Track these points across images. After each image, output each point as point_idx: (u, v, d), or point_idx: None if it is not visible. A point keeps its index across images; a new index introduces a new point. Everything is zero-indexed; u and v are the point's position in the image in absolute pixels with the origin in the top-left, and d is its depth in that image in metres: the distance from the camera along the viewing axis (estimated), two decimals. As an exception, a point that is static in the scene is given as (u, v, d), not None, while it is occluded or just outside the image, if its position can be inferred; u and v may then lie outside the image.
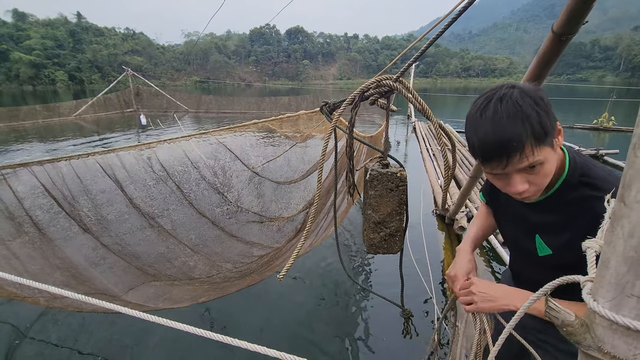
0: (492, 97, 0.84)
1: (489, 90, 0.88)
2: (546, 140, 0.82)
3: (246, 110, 19.02)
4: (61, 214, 2.54)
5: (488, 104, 0.84)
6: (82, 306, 2.27)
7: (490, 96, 0.85)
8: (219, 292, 2.55)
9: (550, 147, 0.85)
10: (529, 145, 0.81)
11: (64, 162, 2.44)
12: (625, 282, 0.47)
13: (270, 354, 0.89)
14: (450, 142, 1.19)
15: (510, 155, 0.82)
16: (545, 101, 0.82)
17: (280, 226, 3.61)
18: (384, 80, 1.08)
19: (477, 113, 0.86)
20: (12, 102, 32.60)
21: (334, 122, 1.20)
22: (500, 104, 0.82)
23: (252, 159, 3.93)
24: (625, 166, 0.48)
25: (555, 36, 1.28)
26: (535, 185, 0.90)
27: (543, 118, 0.80)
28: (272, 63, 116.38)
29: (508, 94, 0.82)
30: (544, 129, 0.81)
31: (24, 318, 2.91)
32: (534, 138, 0.81)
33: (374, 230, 1.22)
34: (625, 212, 0.47)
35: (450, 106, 28.17)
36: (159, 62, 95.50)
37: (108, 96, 18.80)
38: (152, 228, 2.93)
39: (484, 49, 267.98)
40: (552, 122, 0.83)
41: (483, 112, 0.84)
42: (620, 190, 0.48)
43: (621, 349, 0.49)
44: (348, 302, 3.17)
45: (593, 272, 0.56)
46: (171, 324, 0.94)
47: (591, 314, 0.52)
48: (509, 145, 0.81)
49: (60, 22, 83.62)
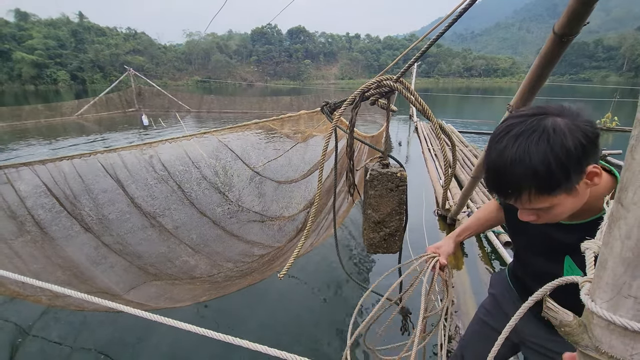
0: (518, 125, 0.75)
1: (528, 111, 0.77)
2: (554, 191, 0.74)
3: (248, 110, 19.06)
4: (63, 213, 2.56)
5: (508, 133, 0.75)
6: (84, 305, 2.28)
7: (519, 122, 0.76)
8: (219, 292, 2.56)
9: (566, 193, 0.76)
10: (526, 194, 0.76)
11: (66, 162, 2.46)
12: (622, 283, 0.47)
13: (271, 353, 0.90)
14: (450, 141, 1.19)
15: (507, 197, 0.79)
16: (578, 148, 0.71)
17: (281, 226, 3.62)
18: (385, 80, 1.08)
19: (497, 135, 0.78)
20: (15, 101, 32.74)
21: (335, 122, 1.20)
22: (515, 141, 0.73)
23: (253, 159, 3.94)
24: (623, 168, 0.48)
25: (556, 37, 1.28)
26: (546, 219, 0.83)
27: (557, 171, 0.71)
28: (274, 63, 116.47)
29: (532, 130, 0.72)
30: (553, 182, 0.73)
31: (27, 316, 2.93)
32: (536, 189, 0.74)
33: (374, 229, 1.22)
34: (623, 214, 0.47)
35: (452, 106, 28.15)
36: (161, 62, 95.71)
37: (110, 96, 18.88)
38: (153, 227, 2.94)
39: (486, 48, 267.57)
40: (577, 171, 0.73)
41: (499, 140, 0.77)
42: (618, 192, 0.48)
43: (618, 349, 0.49)
44: (347, 301, 3.18)
45: (591, 273, 0.57)
46: (174, 323, 0.95)
47: (589, 315, 0.52)
48: (505, 190, 0.78)
49: (63, 22, 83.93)
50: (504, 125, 0.78)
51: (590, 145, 0.72)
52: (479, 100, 35.84)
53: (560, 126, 0.72)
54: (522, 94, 1.62)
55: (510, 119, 0.79)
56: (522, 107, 1.71)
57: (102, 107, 18.08)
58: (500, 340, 0.75)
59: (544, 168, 0.71)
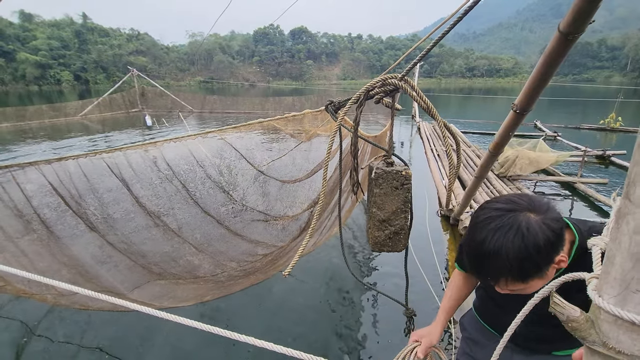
0: (496, 219, 0.84)
1: (503, 204, 0.87)
2: (528, 279, 0.85)
3: (250, 111, 19.09)
4: (68, 212, 2.57)
5: (487, 225, 0.85)
6: (89, 304, 2.30)
7: (497, 216, 0.85)
8: (223, 291, 2.57)
9: (538, 278, 0.87)
10: (503, 281, 0.86)
11: (72, 161, 2.47)
12: (631, 278, 0.47)
13: (276, 350, 0.90)
14: (455, 141, 1.19)
15: (486, 281, 0.89)
16: (548, 245, 0.81)
17: (284, 225, 3.63)
18: (390, 79, 1.09)
19: (477, 224, 0.87)
20: (19, 102, 32.97)
21: (339, 121, 1.21)
22: (494, 235, 0.82)
23: (258, 158, 3.95)
24: (630, 164, 0.48)
25: (561, 36, 1.28)
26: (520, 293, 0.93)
27: (530, 266, 0.82)
28: (276, 63, 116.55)
29: (509, 226, 0.82)
30: (527, 274, 0.84)
31: (32, 315, 2.95)
32: (512, 278, 0.85)
33: (379, 228, 1.23)
34: (631, 209, 0.47)
35: (454, 106, 28.09)
36: (163, 63, 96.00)
37: (113, 96, 18.95)
38: (157, 227, 2.95)
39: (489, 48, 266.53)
40: (547, 263, 0.84)
41: (479, 230, 0.86)
42: (626, 187, 0.49)
43: (626, 344, 0.49)
44: (351, 301, 3.18)
45: (598, 269, 0.57)
46: (181, 320, 0.96)
47: (596, 310, 0.53)
48: (485, 276, 0.89)
49: (66, 23, 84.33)
50: (483, 215, 0.87)
51: (558, 239, 0.83)
52: (482, 100, 35.74)
53: (532, 225, 0.81)
54: (527, 93, 1.62)
55: (488, 210, 0.88)
56: (526, 106, 1.71)
57: (105, 107, 18.16)
58: (502, 343, 0.76)
59: (519, 263, 0.81)
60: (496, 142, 2.25)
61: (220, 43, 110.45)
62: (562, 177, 6.35)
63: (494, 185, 5.65)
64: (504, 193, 5.24)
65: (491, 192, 5.39)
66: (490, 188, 5.58)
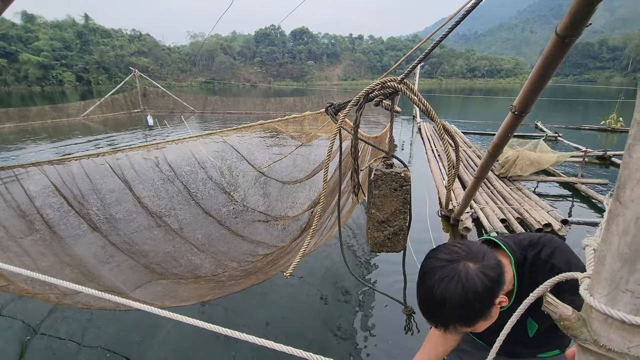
0: (439, 270, 0.92)
1: (446, 255, 0.94)
2: (473, 323, 0.93)
3: (251, 111, 19.14)
4: (71, 212, 2.60)
5: (433, 275, 0.92)
6: (91, 303, 2.32)
7: (440, 267, 0.92)
8: (224, 291, 2.58)
9: (483, 320, 0.94)
10: (452, 327, 0.93)
11: (74, 162, 2.50)
12: (620, 278, 0.49)
13: (276, 348, 0.92)
14: (454, 141, 1.20)
15: (438, 328, 0.95)
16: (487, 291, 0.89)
17: (285, 225, 3.64)
18: (389, 82, 1.10)
19: (425, 273, 0.95)
20: (21, 102, 33.08)
21: (339, 123, 1.22)
22: (439, 285, 0.90)
23: (259, 159, 3.97)
24: (621, 167, 0.50)
25: (559, 38, 1.29)
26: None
27: (472, 312, 0.90)
28: (277, 64, 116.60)
29: (450, 277, 0.89)
30: (471, 319, 0.92)
31: (35, 315, 2.97)
32: (459, 323, 0.92)
33: (378, 228, 1.24)
34: (621, 211, 0.49)
35: (455, 107, 28.07)
36: (165, 63, 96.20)
37: (115, 97, 19.02)
38: (159, 227, 2.97)
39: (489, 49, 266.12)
40: (489, 306, 0.91)
41: (426, 280, 0.93)
42: (616, 189, 0.50)
43: (616, 342, 0.50)
44: (351, 300, 3.19)
45: (590, 269, 0.58)
46: (183, 318, 0.97)
47: (588, 309, 0.54)
48: (435, 323, 0.95)
49: (68, 24, 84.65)
50: (429, 265, 0.95)
51: (496, 284, 0.91)
52: (483, 101, 35.71)
53: (471, 274, 0.89)
54: (525, 94, 1.63)
55: (433, 260, 0.96)
56: (525, 107, 1.73)
57: (107, 108, 18.22)
58: (492, 355, 0.77)
59: (462, 311, 0.89)
60: (495, 143, 2.26)
61: (222, 44, 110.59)
62: (562, 177, 6.35)
63: (494, 186, 5.66)
64: (504, 193, 5.25)
65: (492, 193, 5.39)
66: (491, 188, 5.59)
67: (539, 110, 17.76)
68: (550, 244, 1.07)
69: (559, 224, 4.16)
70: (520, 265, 1.07)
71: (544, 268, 1.04)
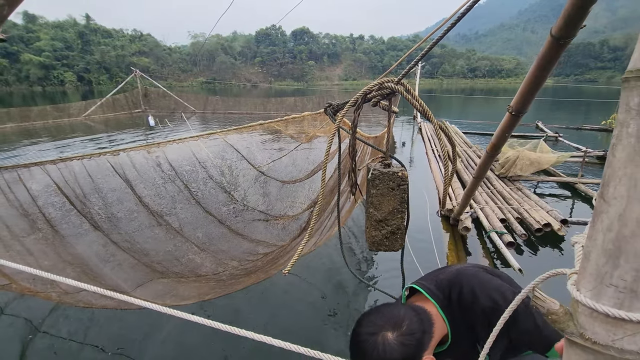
0: (362, 343, 1.00)
1: (367, 327, 1.02)
2: None
3: (252, 111, 19.18)
4: (73, 211, 2.62)
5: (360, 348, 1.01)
6: (93, 302, 2.34)
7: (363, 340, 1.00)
8: (225, 290, 2.60)
9: None
10: None
11: (76, 161, 2.52)
12: (604, 273, 0.51)
13: (275, 344, 0.94)
14: (450, 142, 1.22)
15: None
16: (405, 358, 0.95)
17: (285, 224, 3.66)
18: (386, 82, 1.12)
19: (354, 345, 1.03)
20: (23, 102, 33.18)
21: (338, 123, 1.24)
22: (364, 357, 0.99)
23: (258, 159, 3.99)
24: (605, 165, 0.51)
25: (554, 40, 1.31)
26: None
27: None
28: (278, 64, 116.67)
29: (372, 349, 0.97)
30: None
31: (37, 313, 3.00)
32: None
33: (376, 227, 1.26)
34: (604, 208, 0.50)
35: (456, 107, 28.07)
36: (166, 63, 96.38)
37: (116, 97, 19.08)
38: (160, 226, 2.99)
39: (490, 49, 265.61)
40: None
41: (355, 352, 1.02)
42: (601, 188, 0.52)
43: (601, 335, 0.52)
44: (350, 299, 3.21)
45: (578, 264, 0.60)
46: (184, 315, 0.99)
47: (574, 303, 0.56)
48: None
49: (69, 24, 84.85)
50: (355, 339, 1.04)
51: (416, 349, 0.97)
52: (483, 101, 35.69)
53: (389, 345, 0.96)
54: (522, 95, 1.65)
55: (357, 334, 1.04)
56: (521, 108, 1.74)
57: (109, 108, 18.28)
58: (482, 357, 0.79)
59: None
60: (493, 143, 2.28)
61: (223, 44, 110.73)
62: (562, 177, 6.36)
63: (494, 186, 5.67)
64: (504, 193, 5.26)
65: (492, 193, 5.41)
66: (491, 188, 5.60)
67: (540, 111, 17.74)
68: (467, 282, 1.12)
69: (558, 223, 4.17)
70: (447, 307, 1.12)
71: (472, 310, 1.09)
